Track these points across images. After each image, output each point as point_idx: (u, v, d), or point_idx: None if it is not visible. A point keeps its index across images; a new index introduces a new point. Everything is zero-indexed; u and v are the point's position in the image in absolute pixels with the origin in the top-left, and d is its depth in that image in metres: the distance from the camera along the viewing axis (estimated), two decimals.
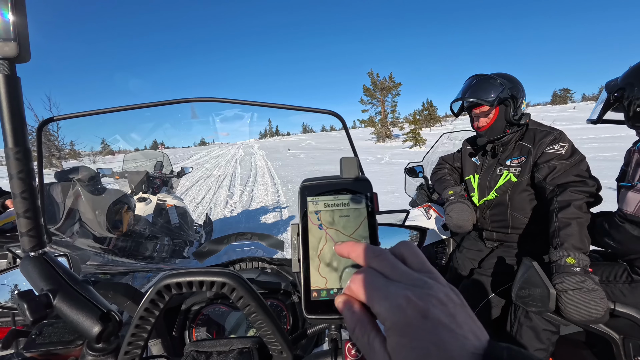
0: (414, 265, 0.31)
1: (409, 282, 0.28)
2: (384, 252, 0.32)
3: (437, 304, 0.26)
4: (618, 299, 1.31)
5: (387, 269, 0.30)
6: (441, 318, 0.26)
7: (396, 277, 0.29)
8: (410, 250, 0.32)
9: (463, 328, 0.26)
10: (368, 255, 0.32)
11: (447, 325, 0.25)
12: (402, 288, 0.27)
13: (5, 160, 0.53)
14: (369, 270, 0.31)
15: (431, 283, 0.28)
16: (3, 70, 0.50)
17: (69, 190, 1.67)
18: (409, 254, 0.32)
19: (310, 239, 0.41)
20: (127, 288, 0.87)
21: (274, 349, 0.51)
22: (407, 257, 0.32)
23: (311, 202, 0.42)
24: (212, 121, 1.63)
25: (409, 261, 0.31)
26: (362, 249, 0.33)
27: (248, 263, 1.23)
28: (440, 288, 0.28)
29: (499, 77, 1.73)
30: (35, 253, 0.54)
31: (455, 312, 0.27)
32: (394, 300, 0.27)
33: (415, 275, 0.29)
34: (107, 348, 0.49)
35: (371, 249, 0.32)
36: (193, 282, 0.45)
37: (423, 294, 0.27)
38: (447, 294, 0.28)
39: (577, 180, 1.48)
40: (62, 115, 0.66)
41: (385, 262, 0.31)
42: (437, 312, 0.26)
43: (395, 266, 0.30)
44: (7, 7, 0.48)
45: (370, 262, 0.31)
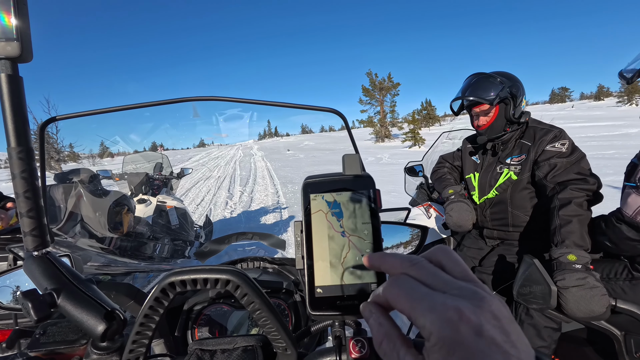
0: (456, 273, 0.28)
1: (455, 292, 0.25)
2: (421, 259, 0.29)
3: (490, 319, 0.24)
4: (619, 296, 1.31)
5: (428, 277, 0.27)
6: (496, 337, 0.23)
7: (439, 286, 0.26)
8: (449, 257, 0.29)
9: (517, 348, 0.23)
10: (404, 264, 0.29)
11: (501, 346, 0.22)
12: (451, 299, 0.24)
13: (8, 159, 0.53)
14: (407, 277, 0.28)
15: (482, 294, 0.25)
16: (5, 69, 0.50)
17: (71, 192, 1.67)
18: (448, 261, 0.29)
19: (313, 236, 0.41)
20: (130, 288, 0.86)
21: (279, 346, 0.51)
22: (445, 265, 0.29)
23: (314, 199, 0.42)
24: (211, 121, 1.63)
25: (448, 269, 0.28)
26: (396, 258, 0.30)
27: (250, 263, 1.23)
28: (493, 301, 0.25)
29: (498, 76, 1.73)
30: (38, 253, 0.54)
31: (510, 330, 0.24)
32: (442, 313, 0.24)
33: (462, 284, 0.26)
34: (112, 347, 0.49)
35: (406, 257, 0.29)
36: (197, 279, 0.45)
37: (476, 307, 0.24)
38: (499, 308, 0.25)
39: (577, 178, 1.49)
40: (63, 115, 0.66)
41: (424, 270, 0.28)
42: (491, 330, 0.23)
43: (436, 274, 0.27)
44: (9, 7, 0.48)
45: (406, 270, 0.28)
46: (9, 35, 0.49)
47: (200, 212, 7.14)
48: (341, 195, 0.42)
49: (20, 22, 0.49)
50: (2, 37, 0.49)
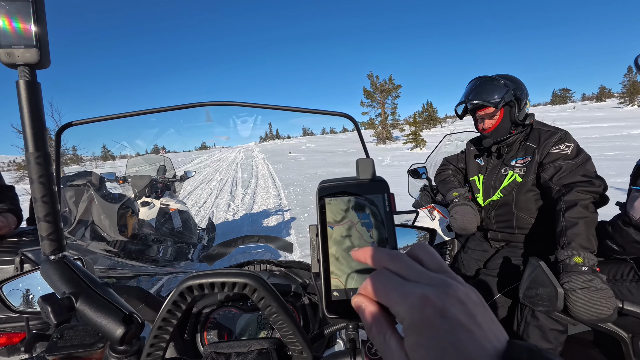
0: (431, 266, 0.31)
1: (426, 281, 0.28)
2: (400, 254, 0.32)
3: (455, 303, 0.26)
4: (626, 298, 1.31)
5: (404, 270, 0.30)
6: (460, 318, 0.25)
7: (413, 277, 0.29)
8: (426, 252, 0.32)
9: (483, 328, 0.25)
10: (383, 258, 0.32)
11: (466, 326, 0.25)
12: (420, 287, 0.27)
13: (26, 164, 0.53)
14: (385, 271, 0.31)
15: (450, 282, 0.28)
16: (24, 76, 0.51)
17: (80, 195, 1.67)
18: (425, 255, 0.32)
19: (329, 240, 0.41)
20: (140, 291, 0.87)
21: (294, 349, 0.51)
22: (423, 259, 0.32)
23: (329, 202, 0.42)
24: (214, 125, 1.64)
25: (425, 262, 0.31)
26: (378, 253, 0.33)
27: (256, 265, 1.23)
28: (460, 287, 0.28)
29: (502, 78, 1.73)
30: (55, 257, 0.54)
31: (475, 312, 0.26)
32: (411, 299, 0.26)
33: (433, 275, 0.29)
34: (130, 350, 0.49)
35: (387, 252, 0.32)
36: (215, 283, 0.46)
37: (441, 293, 0.26)
38: (466, 294, 0.27)
39: (583, 180, 1.49)
40: (80, 120, 0.67)
41: (401, 264, 0.31)
42: (455, 312, 0.25)
43: (411, 267, 0.30)
44: (29, 15, 0.49)
45: (386, 264, 0.31)
46: (29, 42, 0.50)
47: (203, 214, 7.15)
48: (356, 199, 0.42)
49: (39, 29, 0.50)
50: (21, 44, 0.50)
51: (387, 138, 42.06)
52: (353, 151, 28.09)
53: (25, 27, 0.50)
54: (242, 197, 9.17)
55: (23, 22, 0.49)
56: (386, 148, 33.79)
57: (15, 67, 0.51)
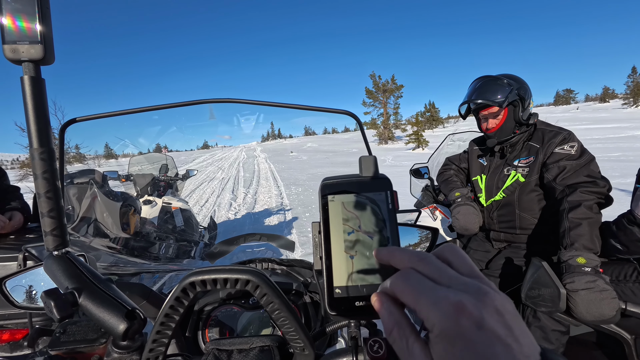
0: (462, 270, 0.29)
1: (460, 287, 0.26)
2: (429, 255, 0.30)
3: (493, 314, 0.24)
4: (629, 299, 1.30)
5: (434, 272, 0.28)
6: (497, 330, 0.23)
7: (445, 281, 0.27)
8: (456, 254, 0.30)
9: (520, 342, 0.24)
10: (412, 259, 0.30)
11: (503, 339, 0.23)
12: (454, 293, 0.25)
13: (30, 160, 0.54)
14: (413, 272, 0.29)
15: (486, 289, 0.26)
16: (29, 72, 0.51)
17: (83, 192, 1.68)
18: (455, 258, 0.30)
19: (332, 237, 0.41)
20: (143, 288, 0.87)
21: (296, 347, 0.51)
22: (453, 261, 0.29)
23: (332, 200, 0.42)
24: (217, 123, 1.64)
25: (455, 265, 0.29)
26: (404, 253, 0.31)
27: (258, 264, 1.23)
28: (497, 296, 0.26)
29: (505, 78, 1.73)
30: (58, 252, 0.55)
31: (512, 325, 0.24)
32: (444, 306, 0.24)
33: (467, 280, 0.27)
34: (132, 346, 0.50)
35: (415, 253, 0.30)
36: (218, 279, 0.46)
37: (478, 302, 0.24)
38: (503, 304, 0.25)
39: (587, 180, 1.48)
40: (84, 117, 0.67)
41: (431, 266, 0.29)
42: (493, 323, 0.24)
43: (442, 269, 0.28)
44: (34, 12, 0.49)
45: (414, 265, 0.29)
46: (34, 39, 0.50)
47: (205, 213, 7.16)
48: (359, 197, 0.42)
49: (44, 25, 0.51)
50: (26, 40, 0.50)
51: (389, 138, 42.02)
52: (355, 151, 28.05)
53: (30, 23, 0.50)
54: (243, 196, 9.18)
55: (28, 18, 0.50)
56: (388, 148, 33.75)
57: (20, 63, 0.51)
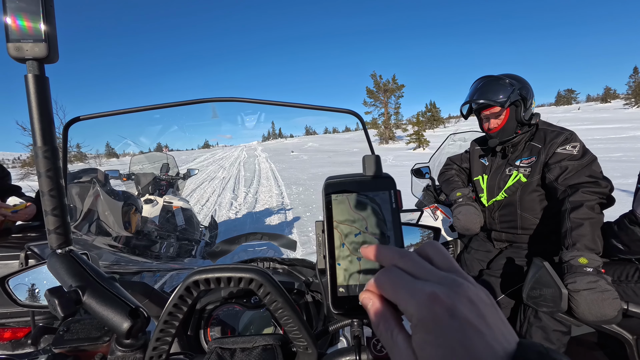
0: (441, 265, 0.31)
1: (436, 280, 0.28)
2: (409, 252, 0.32)
3: (466, 303, 0.26)
4: (631, 299, 1.30)
5: (414, 268, 0.30)
6: (470, 318, 0.25)
7: (423, 275, 0.29)
8: (436, 250, 0.32)
9: (492, 329, 0.25)
10: (393, 256, 0.32)
11: (476, 326, 0.25)
12: (430, 285, 0.27)
13: (34, 158, 0.54)
14: (394, 268, 0.30)
15: (460, 281, 0.28)
16: (33, 70, 0.51)
17: (86, 191, 1.69)
18: (435, 254, 0.31)
19: (335, 236, 0.41)
20: (145, 287, 0.87)
21: (300, 345, 0.51)
22: (433, 257, 0.31)
23: (335, 199, 0.42)
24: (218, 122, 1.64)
25: (435, 261, 0.31)
26: (387, 250, 0.33)
27: (260, 263, 1.24)
28: (470, 287, 0.27)
29: (507, 78, 1.72)
30: (62, 250, 0.55)
31: (485, 313, 0.26)
32: (420, 297, 0.26)
33: (443, 274, 0.29)
34: (136, 344, 0.50)
35: (396, 250, 0.32)
36: (221, 278, 0.46)
37: (451, 292, 0.26)
38: (477, 294, 0.27)
39: (589, 180, 1.47)
40: (87, 115, 0.67)
41: (410, 261, 0.30)
42: (465, 311, 0.25)
43: (421, 265, 0.30)
44: (38, 11, 0.49)
45: (395, 262, 0.31)
46: (38, 37, 0.50)
47: (205, 212, 7.17)
48: (362, 196, 0.42)
49: (48, 24, 0.51)
50: (30, 39, 0.50)
51: (390, 138, 42.00)
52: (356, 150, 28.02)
53: (34, 22, 0.50)
54: (244, 196, 9.18)
55: (32, 17, 0.50)
56: (389, 148, 33.74)
57: (23, 61, 0.51)
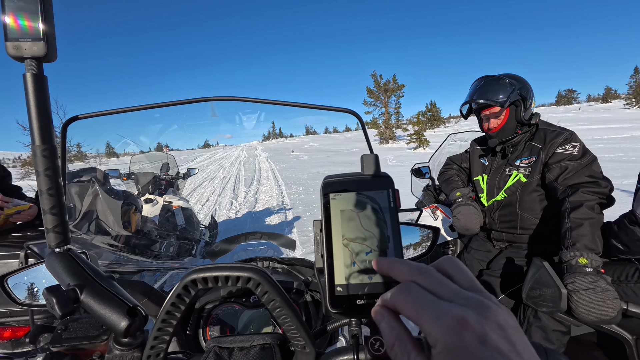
0: (463, 283, 0.29)
1: (461, 301, 0.26)
2: (429, 268, 0.30)
3: (495, 329, 0.24)
4: (630, 299, 1.30)
5: (436, 286, 0.28)
6: (500, 345, 0.23)
7: (446, 295, 0.27)
8: (457, 267, 0.30)
9: (522, 357, 0.24)
10: (412, 272, 0.30)
11: (506, 354, 0.23)
12: (457, 308, 0.25)
13: (32, 157, 0.54)
14: (414, 285, 0.28)
15: (488, 304, 0.26)
16: (31, 69, 0.51)
17: (85, 190, 1.69)
18: (456, 271, 0.30)
19: (333, 235, 0.41)
20: (144, 286, 0.88)
21: (297, 345, 0.51)
22: (453, 275, 0.29)
23: (333, 198, 0.42)
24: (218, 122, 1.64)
25: (456, 279, 0.29)
26: (405, 265, 0.31)
27: (259, 262, 1.23)
28: (498, 311, 0.26)
29: (507, 78, 1.72)
30: (60, 249, 0.55)
31: (515, 340, 0.24)
32: (447, 321, 0.24)
33: (468, 294, 0.27)
34: (134, 343, 0.50)
35: (415, 265, 0.30)
36: (219, 277, 0.46)
37: (480, 317, 0.24)
38: (505, 319, 0.25)
39: (589, 181, 1.47)
40: (86, 114, 0.67)
41: (432, 279, 0.28)
42: (496, 339, 0.24)
43: (443, 284, 0.28)
44: (37, 9, 0.49)
45: (415, 278, 0.29)
46: (36, 36, 0.50)
47: (206, 212, 7.17)
48: (360, 195, 0.42)
49: (46, 22, 0.51)
50: (28, 37, 0.50)
51: (390, 138, 42.01)
52: (356, 150, 28.02)
53: (32, 20, 0.50)
54: (244, 195, 9.19)
55: (31, 15, 0.50)
56: (389, 148, 33.74)
57: (22, 60, 0.51)
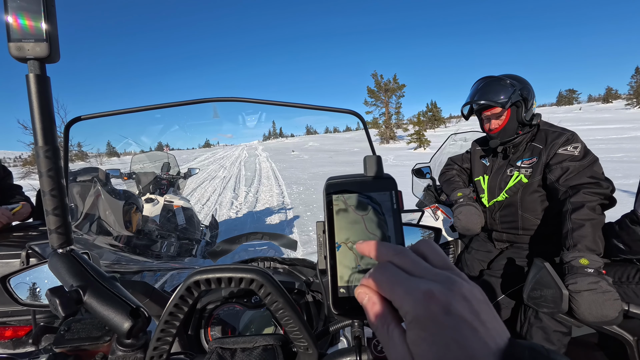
0: (436, 262, 0.31)
1: (431, 277, 0.28)
2: (405, 249, 0.32)
3: (460, 300, 0.26)
4: (632, 300, 1.29)
5: (409, 265, 0.30)
6: (464, 314, 0.25)
7: (418, 272, 0.29)
8: (431, 248, 0.32)
9: (486, 326, 0.25)
10: (389, 253, 0.32)
11: (470, 323, 0.25)
12: (425, 283, 0.27)
13: (35, 158, 0.54)
14: (389, 265, 0.31)
15: (454, 279, 0.28)
16: (34, 70, 0.51)
17: (87, 190, 1.70)
18: (430, 252, 0.32)
19: (336, 236, 0.41)
20: (145, 286, 0.88)
21: (300, 346, 0.51)
22: (428, 255, 0.32)
23: (336, 199, 0.42)
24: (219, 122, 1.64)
25: (430, 258, 0.31)
26: (383, 247, 0.33)
27: (260, 263, 1.24)
28: (464, 284, 0.28)
29: (508, 78, 1.72)
30: (63, 250, 0.55)
31: (479, 310, 0.26)
32: (416, 294, 0.26)
33: (438, 271, 0.29)
34: (137, 344, 0.50)
35: (392, 247, 0.32)
36: (222, 278, 0.46)
37: (446, 289, 0.26)
38: (470, 291, 0.27)
39: (591, 181, 1.47)
40: (89, 115, 0.67)
41: (406, 259, 0.30)
42: (460, 308, 0.25)
43: (416, 262, 0.30)
44: (39, 10, 0.49)
45: (390, 258, 0.31)
46: (39, 37, 0.50)
47: (206, 212, 7.18)
48: (363, 196, 0.42)
49: (49, 23, 0.51)
50: (31, 38, 0.50)
51: (391, 138, 42.00)
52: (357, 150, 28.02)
53: (35, 21, 0.50)
54: (245, 195, 9.19)
55: (33, 16, 0.50)
56: (390, 148, 33.72)
57: (25, 61, 0.51)
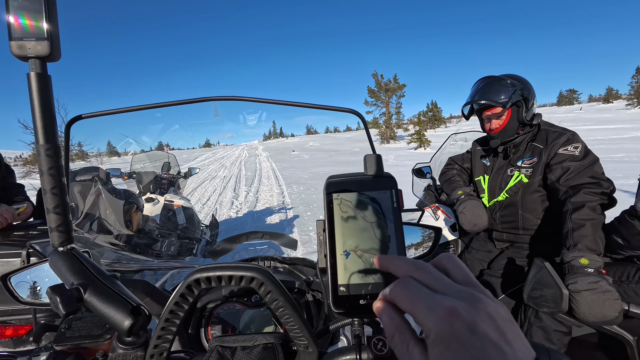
0: (459, 278, 0.30)
1: (455, 294, 0.28)
2: (426, 264, 0.31)
3: (486, 319, 0.25)
4: (632, 300, 1.29)
5: (431, 280, 0.29)
6: (490, 334, 0.25)
7: (440, 289, 0.29)
8: (454, 263, 0.31)
9: (512, 346, 0.25)
10: (410, 267, 0.31)
11: (496, 343, 0.24)
12: (448, 300, 0.27)
13: (37, 156, 0.54)
14: (411, 280, 0.30)
15: (479, 296, 0.27)
16: (35, 68, 0.51)
17: (87, 189, 1.70)
18: (452, 267, 0.31)
19: (336, 235, 0.41)
20: (146, 285, 0.88)
21: (300, 344, 0.51)
22: (450, 270, 0.31)
23: (336, 198, 0.42)
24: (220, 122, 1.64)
25: (452, 274, 0.31)
26: (403, 262, 0.32)
27: (260, 262, 1.24)
28: (490, 302, 0.27)
29: (509, 78, 1.72)
30: (64, 248, 0.55)
31: (505, 329, 0.26)
32: (439, 312, 0.26)
33: (462, 287, 0.29)
34: (137, 342, 0.50)
35: (413, 261, 0.32)
36: (222, 276, 0.46)
37: (471, 307, 0.26)
38: (496, 310, 0.27)
39: (591, 181, 1.47)
40: (90, 113, 0.67)
41: (428, 274, 0.30)
42: (485, 328, 0.25)
43: (438, 278, 0.30)
44: (41, 9, 0.50)
45: (412, 273, 0.31)
46: (40, 35, 0.50)
47: (207, 211, 7.18)
48: (364, 195, 0.42)
49: (50, 22, 0.51)
50: (32, 37, 0.51)
51: (391, 137, 42.00)
52: (357, 150, 28.03)
53: (37, 20, 0.50)
54: (245, 195, 9.19)
55: (35, 15, 0.50)
56: (390, 147, 33.72)
57: (26, 60, 0.51)
